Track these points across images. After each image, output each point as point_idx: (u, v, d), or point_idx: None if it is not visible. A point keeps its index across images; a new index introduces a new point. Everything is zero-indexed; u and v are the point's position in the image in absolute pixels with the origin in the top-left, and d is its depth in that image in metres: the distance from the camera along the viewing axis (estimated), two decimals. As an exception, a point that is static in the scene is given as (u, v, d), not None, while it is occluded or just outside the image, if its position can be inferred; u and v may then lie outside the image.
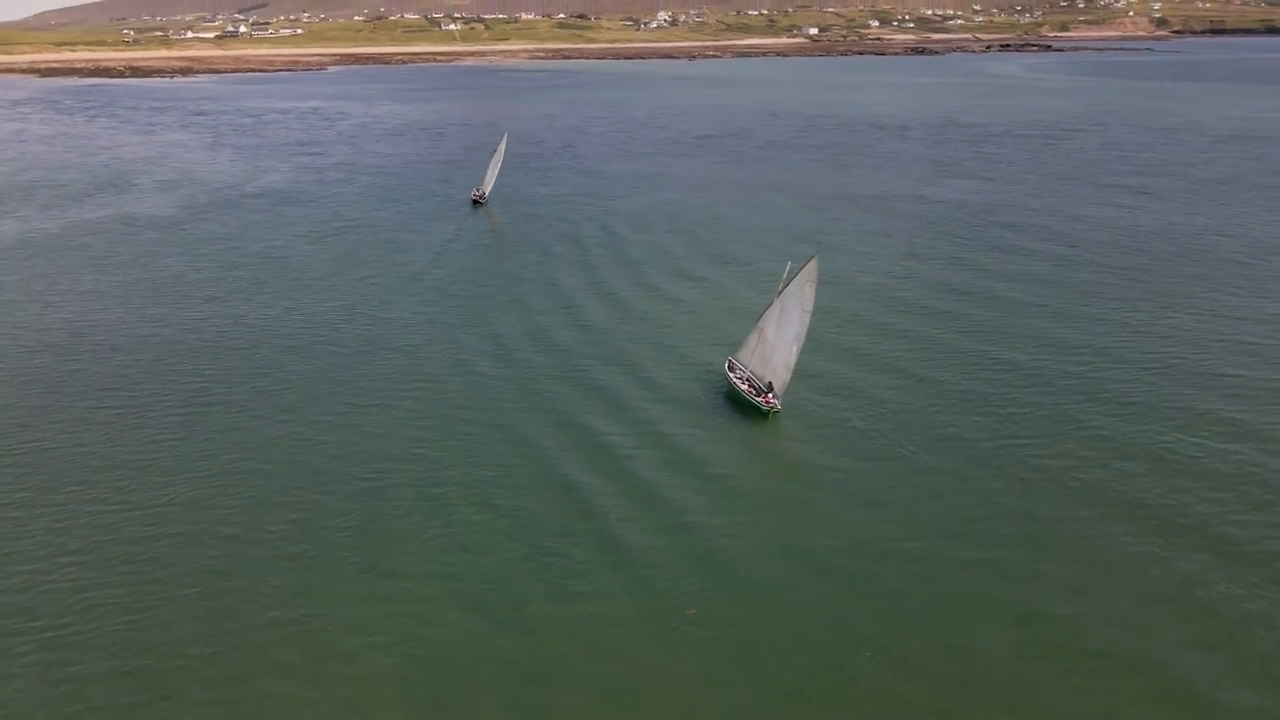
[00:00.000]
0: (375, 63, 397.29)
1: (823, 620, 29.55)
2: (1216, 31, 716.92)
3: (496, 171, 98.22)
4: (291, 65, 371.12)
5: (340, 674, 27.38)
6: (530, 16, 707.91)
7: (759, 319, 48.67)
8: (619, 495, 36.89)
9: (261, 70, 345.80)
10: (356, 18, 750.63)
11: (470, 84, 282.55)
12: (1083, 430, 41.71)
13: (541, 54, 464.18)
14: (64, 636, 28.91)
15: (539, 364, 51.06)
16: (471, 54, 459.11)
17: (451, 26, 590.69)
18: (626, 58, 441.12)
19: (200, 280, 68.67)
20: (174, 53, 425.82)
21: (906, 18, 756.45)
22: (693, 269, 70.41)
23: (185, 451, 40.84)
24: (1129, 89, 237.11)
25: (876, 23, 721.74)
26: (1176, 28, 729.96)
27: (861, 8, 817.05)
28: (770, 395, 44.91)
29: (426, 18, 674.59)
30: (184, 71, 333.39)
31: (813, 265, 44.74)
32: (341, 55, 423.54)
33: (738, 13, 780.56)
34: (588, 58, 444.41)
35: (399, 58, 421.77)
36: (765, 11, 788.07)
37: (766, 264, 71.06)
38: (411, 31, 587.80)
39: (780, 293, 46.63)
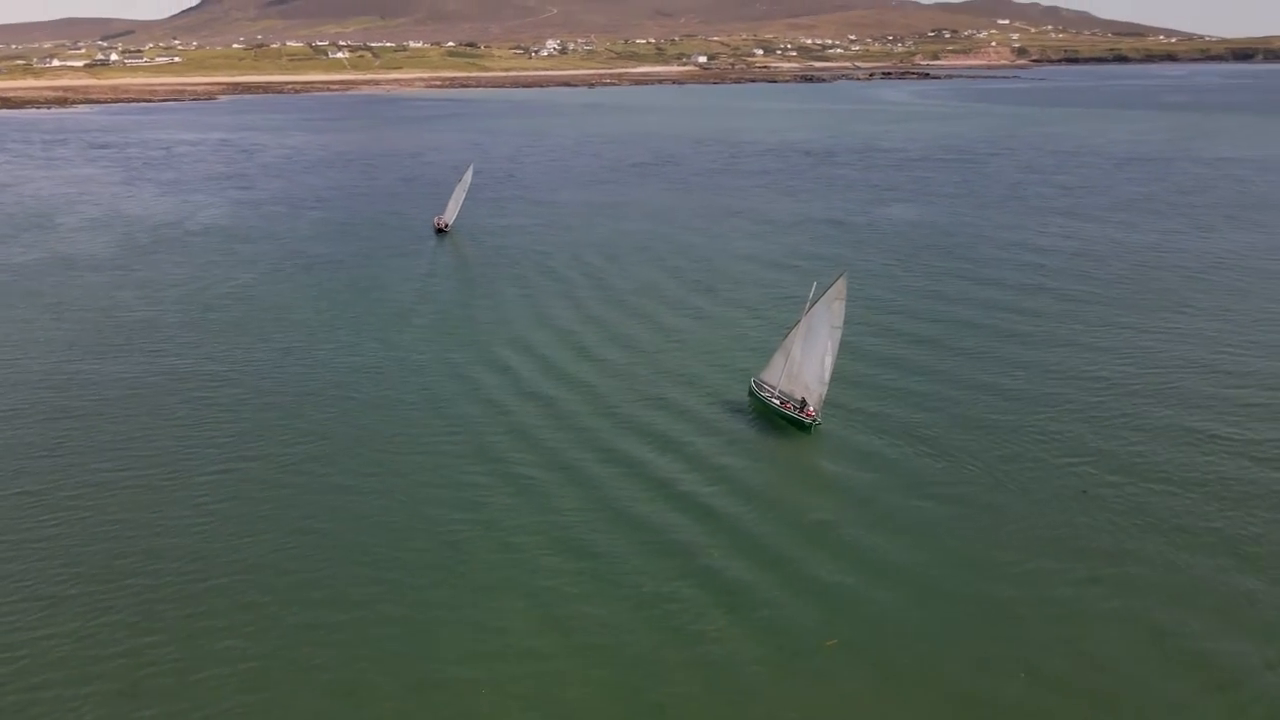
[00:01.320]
0: (267, 92, 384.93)
1: (953, 642, 29.91)
2: (1071, 60, 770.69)
3: (461, 201, 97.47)
4: (177, 95, 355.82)
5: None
6: (419, 45, 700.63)
7: (784, 338, 49.73)
8: (698, 527, 36.50)
9: (145, 100, 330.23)
10: (236, 45, 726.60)
11: (377, 113, 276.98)
12: (1136, 430, 43.87)
13: (439, 82, 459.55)
14: None
15: (564, 399, 50.14)
16: (365, 82, 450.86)
17: (340, 54, 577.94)
18: (525, 86, 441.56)
19: (176, 325, 64.78)
20: (43, 82, 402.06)
21: (789, 47, 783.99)
22: (689, 296, 70.77)
23: (227, 513, 38.02)
24: (1017, 115, 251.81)
25: (761, 51, 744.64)
26: (1035, 57, 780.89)
27: (745, 37, 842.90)
28: (811, 409, 45.90)
29: (311, 46, 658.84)
30: (60, 102, 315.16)
31: (841, 283, 46.01)
32: (229, 84, 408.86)
33: (626, 41, 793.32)
34: (486, 86, 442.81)
35: (291, 86, 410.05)
36: (652, 40, 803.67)
37: (759, 287, 72.36)
38: (297, 60, 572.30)
39: (807, 311, 47.79)
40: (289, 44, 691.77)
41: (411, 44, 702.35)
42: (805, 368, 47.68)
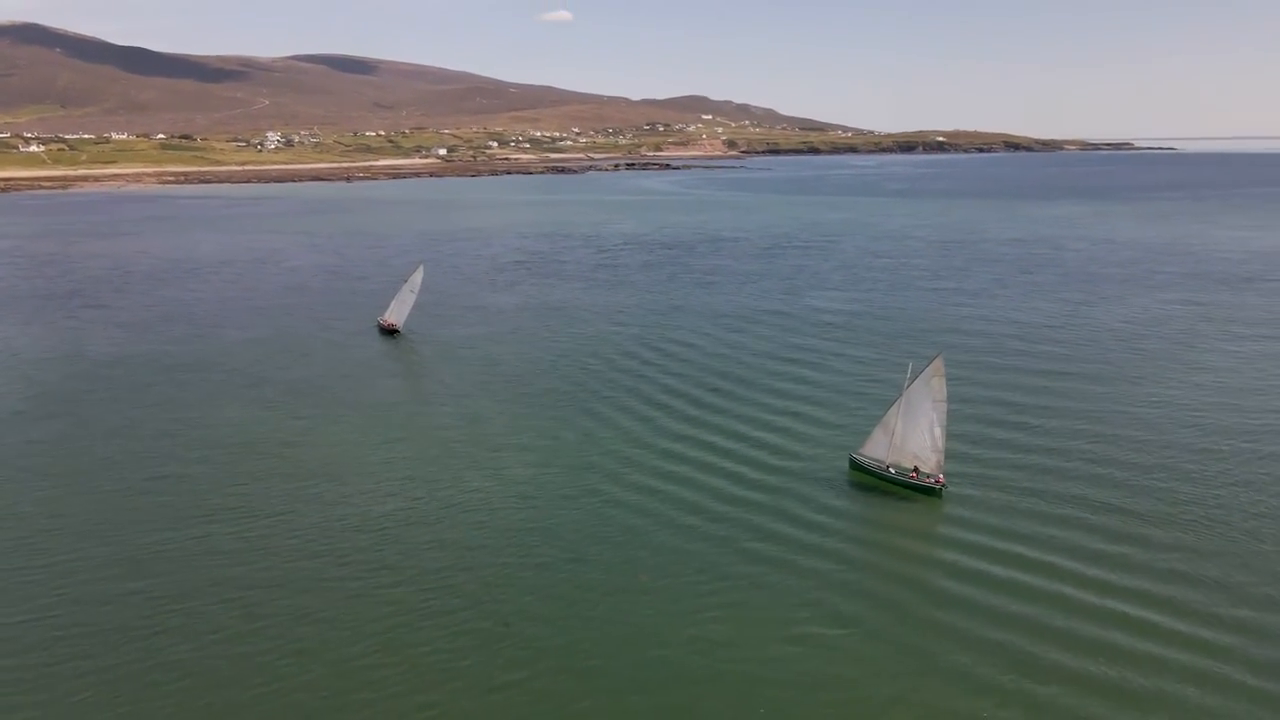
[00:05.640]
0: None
1: None
2: (774, 151, 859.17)
3: (410, 303, 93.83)
4: None
5: None
6: (123, 136, 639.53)
7: (884, 415, 54.17)
8: (1004, 637, 37.40)
9: None
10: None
11: (147, 214, 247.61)
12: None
13: (170, 178, 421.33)
14: None
15: (700, 507, 49.65)
16: (81, 179, 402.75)
17: (34, 148, 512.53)
18: (274, 180, 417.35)
19: (219, 480, 54.93)
20: None
21: (521, 139, 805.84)
22: (720, 392, 71.07)
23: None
24: (793, 203, 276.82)
25: (496, 144, 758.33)
26: (744, 148, 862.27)
27: (476, 129, 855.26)
28: (940, 476, 50.70)
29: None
30: None
31: (939, 362, 51.67)
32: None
33: (356, 134, 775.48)
34: (227, 181, 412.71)
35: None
36: (382, 132, 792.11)
37: (782, 378, 74.08)
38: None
39: (906, 388, 52.48)
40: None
41: (114, 135, 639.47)
42: (909, 439, 52.20)
